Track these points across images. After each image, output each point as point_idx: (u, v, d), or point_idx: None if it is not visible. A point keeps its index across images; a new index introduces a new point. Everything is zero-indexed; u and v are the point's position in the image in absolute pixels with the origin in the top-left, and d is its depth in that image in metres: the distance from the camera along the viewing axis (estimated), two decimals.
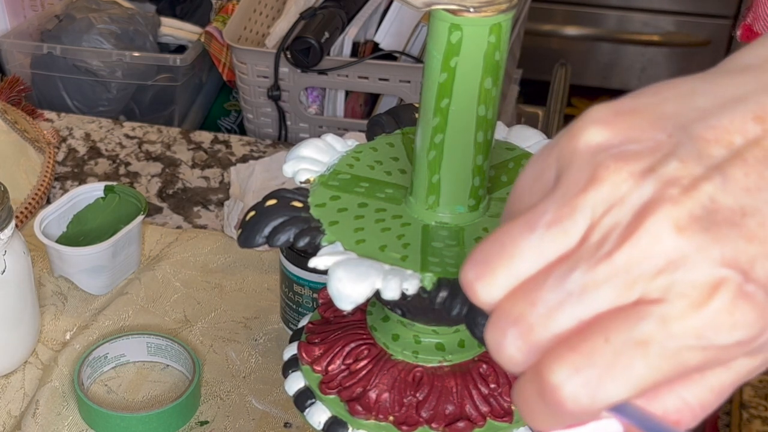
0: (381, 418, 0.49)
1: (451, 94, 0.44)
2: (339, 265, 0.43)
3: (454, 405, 0.48)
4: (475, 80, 0.44)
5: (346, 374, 0.50)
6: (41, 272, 0.88)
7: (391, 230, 0.46)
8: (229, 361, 0.80)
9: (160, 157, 1.08)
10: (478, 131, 0.45)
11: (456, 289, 0.43)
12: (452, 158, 0.46)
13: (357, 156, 0.52)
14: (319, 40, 1.16)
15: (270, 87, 1.20)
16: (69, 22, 1.26)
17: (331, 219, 0.47)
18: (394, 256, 0.45)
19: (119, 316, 0.84)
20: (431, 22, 0.43)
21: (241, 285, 0.87)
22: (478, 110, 0.45)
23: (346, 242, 0.46)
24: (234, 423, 0.75)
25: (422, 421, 0.48)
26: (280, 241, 0.46)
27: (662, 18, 2.64)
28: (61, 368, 0.78)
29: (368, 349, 0.51)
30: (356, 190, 0.49)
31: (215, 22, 1.31)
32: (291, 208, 0.48)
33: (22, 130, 1.00)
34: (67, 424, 0.75)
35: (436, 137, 0.45)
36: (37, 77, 1.27)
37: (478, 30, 0.42)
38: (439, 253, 0.45)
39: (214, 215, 0.98)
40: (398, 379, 0.49)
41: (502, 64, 0.44)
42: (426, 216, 0.47)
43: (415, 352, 0.50)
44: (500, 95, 0.46)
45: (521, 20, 1.30)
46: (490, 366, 0.50)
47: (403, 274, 0.43)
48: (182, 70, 1.26)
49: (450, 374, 0.49)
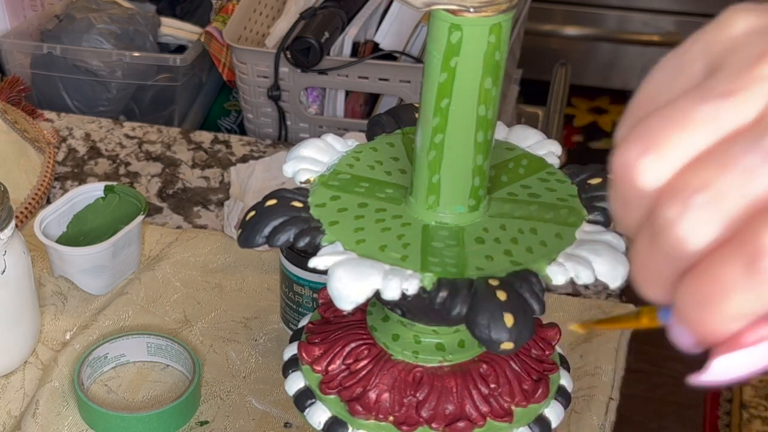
0: (381, 418, 0.49)
1: (451, 94, 0.44)
2: (339, 265, 0.43)
3: (454, 405, 0.48)
4: (475, 80, 0.44)
5: (347, 374, 0.50)
6: (41, 272, 0.88)
7: (391, 230, 0.46)
8: (229, 361, 0.80)
9: (160, 157, 1.08)
10: (478, 131, 0.45)
11: (456, 289, 0.43)
12: (452, 158, 0.46)
13: (357, 156, 0.52)
14: (319, 40, 1.16)
15: (270, 87, 1.20)
16: (69, 22, 1.26)
17: (331, 219, 0.47)
18: (394, 256, 0.45)
19: (119, 316, 0.84)
20: (431, 22, 0.43)
21: (241, 285, 0.87)
22: (478, 110, 0.44)
23: (346, 242, 0.46)
24: (234, 423, 0.75)
25: (422, 421, 0.48)
26: (280, 241, 0.46)
27: (662, 18, 2.64)
28: (61, 368, 0.78)
29: (368, 349, 0.51)
30: (356, 190, 0.49)
31: (215, 22, 1.31)
32: (291, 208, 0.48)
33: (22, 130, 1.00)
34: (67, 424, 0.75)
35: (436, 137, 0.45)
36: (37, 77, 1.27)
37: (478, 30, 0.42)
38: (440, 253, 0.45)
39: (214, 215, 0.98)
40: (398, 379, 0.49)
41: (502, 64, 0.44)
42: (426, 216, 0.47)
43: (415, 352, 0.50)
44: (500, 95, 0.46)
45: (521, 20, 1.30)
46: (490, 366, 0.50)
47: (403, 274, 0.43)
48: (182, 70, 1.26)
49: (450, 374, 0.49)
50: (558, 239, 0.46)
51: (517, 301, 0.42)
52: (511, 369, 0.50)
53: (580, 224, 0.47)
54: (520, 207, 0.48)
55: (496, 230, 0.47)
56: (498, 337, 0.41)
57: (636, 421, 1.91)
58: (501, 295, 0.42)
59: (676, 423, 1.91)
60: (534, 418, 0.50)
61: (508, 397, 0.49)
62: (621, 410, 0.79)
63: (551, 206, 0.48)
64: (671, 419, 1.92)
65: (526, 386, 0.50)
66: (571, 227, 0.47)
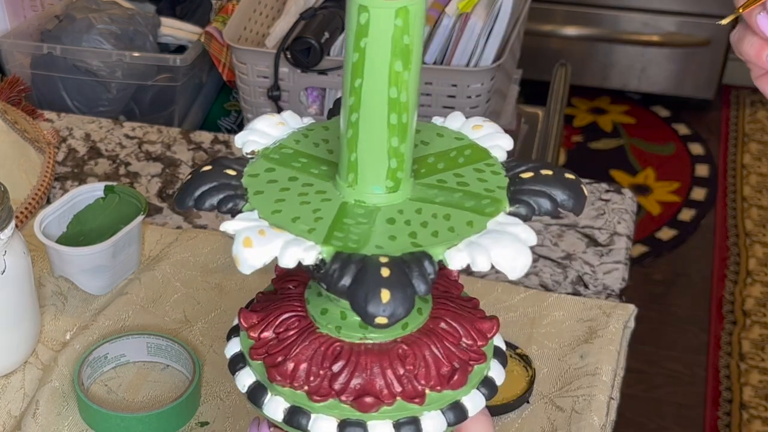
0: (296, 387, 0.50)
1: (363, 74, 0.46)
2: (244, 231, 0.46)
3: (365, 380, 0.50)
4: (384, 62, 0.45)
5: (275, 342, 0.52)
6: (41, 272, 0.88)
7: (310, 204, 0.48)
8: None
9: (160, 158, 1.08)
10: (391, 113, 0.46)
11: (347, 263, 0.44)
12: (367, 138, 0.47)
13: (307, 133, 0.54)
14: (319, 40, 1.16)
15: (270, 87, 1.20)
16: (69, 23, 1.26)
17: (257, 189, 0.49)
18: (303, 228, 0.46)
19: (119, 316, 0.84)
20: (347, 3, 0.45)
21: (241, 285, 0.87)
22: (389, 92, 0.46)
23: (263, 211, 0.47)
24: (234, 424, 0.75)
25: (333, 393, 0.50)
26: (206, 205, 0.49)
27: (662, 18, 2.64)
28: (61, 368, 0.78)
29: (298, 321, 0.52)
30: (293, 165, 0.51)
31: (215, 22, 1.31)
32: (223, 175, 0.50)
33: (22, 130, 1.00)
34: (67, 424, 0.75)
35: (352, 116, 0.47)
36: (37, 77, 1.27)
37: (384, 12, 0.44)
38: (347, 229, 0.47)
39: (214, 215, 0.98)
40: (318, 351, 0.51)
41: (413, 48, 0.45)
42: (348, 194, 0.49)
43: (338, 327, 0.51)
44: (417, 80, 0.47)
45: (521, 20, 1.30)
46: (410, 348, 0.51)
47: (304, 245, 0.45)
48: (182, 70, 1.26)
49: (368, 351, 0.50)
50: (467, 227, 0.47)
51: (399, 279, 0.43)
52: (431, 353, 0.51)
53: (496, 215, 0.47)
54: (443, 194, 0.50)
55: (410, 213, 0.48)
56: (373, 311, 0.43)
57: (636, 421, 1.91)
58: (385, 272, 0.44)
59: (676, 423, 1.91)
60: (448, 404, 0.50)
61: (423, 379, 0.50)
62: (621, 410, 0.79)
63: (475, 195, 0.49)
64: (671, 419, 1.92)
65: (444, 372, 0.50)
66: (486, 217, 0.48)
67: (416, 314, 0.51)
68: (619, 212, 1.01)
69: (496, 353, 0.54)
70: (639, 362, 1.99)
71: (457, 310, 0.53)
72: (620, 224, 0.99)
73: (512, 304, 0.87)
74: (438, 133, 0.54)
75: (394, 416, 0.50)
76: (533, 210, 0.48)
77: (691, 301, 2.19)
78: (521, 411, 0.77)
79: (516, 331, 0.84)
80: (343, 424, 0.50)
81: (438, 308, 0.53)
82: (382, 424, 0.50)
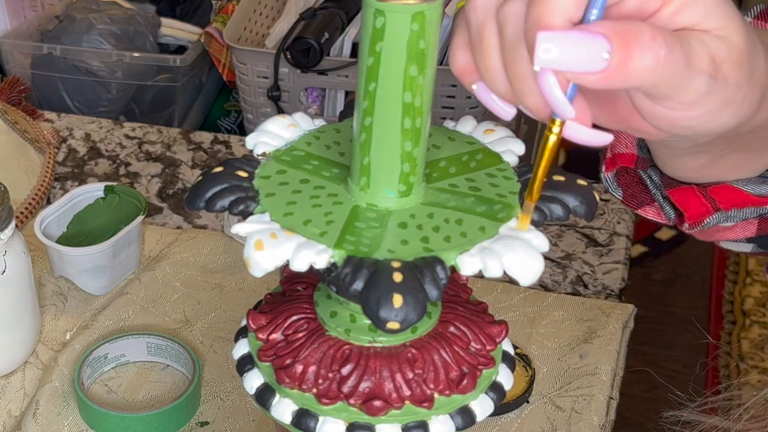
0: (305, 389, 0.50)
1: (378, 78, 0.45)
2: (256, 233, 0.45)
3: (374, 384, 0.50)
4: (399, 67, 0.45)
5: (283, 344, 0.52)
6: (41, 272, 0.88)
7: (322, 207, 0.48)
8: (229, 362, 0.80)
9: (160, 158, 1.08)
10: (405, 117, 0.46)
11: (359, 267, 0.44)
12: (380, 142, 0.47)
13: (318, 135, 0.54)
14: (319, 41, 1.16)
15: (270, 87, 1.20)
16: (69, 23, 1.26)
17: (269, 191, 0.49)
18: (314, 231, 0.46)
19: (119, 316, 0.84)
20: (363, 6, 0.45)
21: (241, 285, 0.87)
22: (403, 97, 0.46)
23: (275, 214, 0.47)
24: (234, 424, 0.75)
25: (342, 396, 0.50)
26: (217, 206, 0.48)
27: None
28: (61, 368, 0.78)
29: (307, 323, 0.52)
30: (304, 167, 0.51)
31: (215, 22, 1.31)
32: (235, 177, 0.49)
33: (22, 131, 1.00)
34: (67, 424, 0.75)
35: (365, 120, 0.47)
36: (37, 78, 1.27)
37: (401, 17, 0.44)
38: (359, 233, 0.46)
39: (214, 215, 0.98)
40: (327, 354, 0.51)
41: (429, 53, 0.45)
42: (359, 197, 0.49)
43: (348, 330, 0.51)
44: (432, 84, 0.47)
45: None
46: (419, 352, 0.51)
47: (316, 248, 0.45)
48: (182, 70, 1.26)
49: (377, 355, 0.50)
50: (480, 232, 0.47)
51: (412, 284, 0.43)
52: (441, 357, 0.51)
53: (508, 220, 0.47)
54: (455, 198, 0.49)
55: (422, 217, 0.48)
56: (385, 315, 0.43)
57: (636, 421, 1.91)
58: (397, 276, 0.43)
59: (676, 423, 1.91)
60: (457, 408, 0.50)
61: (432, 384, 0.50)
62: (621, 410, 0.79)
63: (487, 200, 0.49)
64: None
65: (453, 376, 0.50)
66: (498, 222, 0.47)
67: (425, 318, 0.51)
68: (619, 212, 1.01)
69: (504, 358, 0.54)
70: (639, 362, 1.99)
71: (466, 314, 0.53)
72: (620, 224, 0.99)
73: (512, 303, 0.87)
74: (449, 137, 0.54)
75: (403, 420, 0.50)
76: (545, 216, 0.48)
77: (691, 301, 2.19)
78: (521, 411, 0.77)
79: (516, 331, 0.84)
80: (351, 427, 0.49)
81: (447, 312, 0.52)
82: (391, 428, 0.49)
